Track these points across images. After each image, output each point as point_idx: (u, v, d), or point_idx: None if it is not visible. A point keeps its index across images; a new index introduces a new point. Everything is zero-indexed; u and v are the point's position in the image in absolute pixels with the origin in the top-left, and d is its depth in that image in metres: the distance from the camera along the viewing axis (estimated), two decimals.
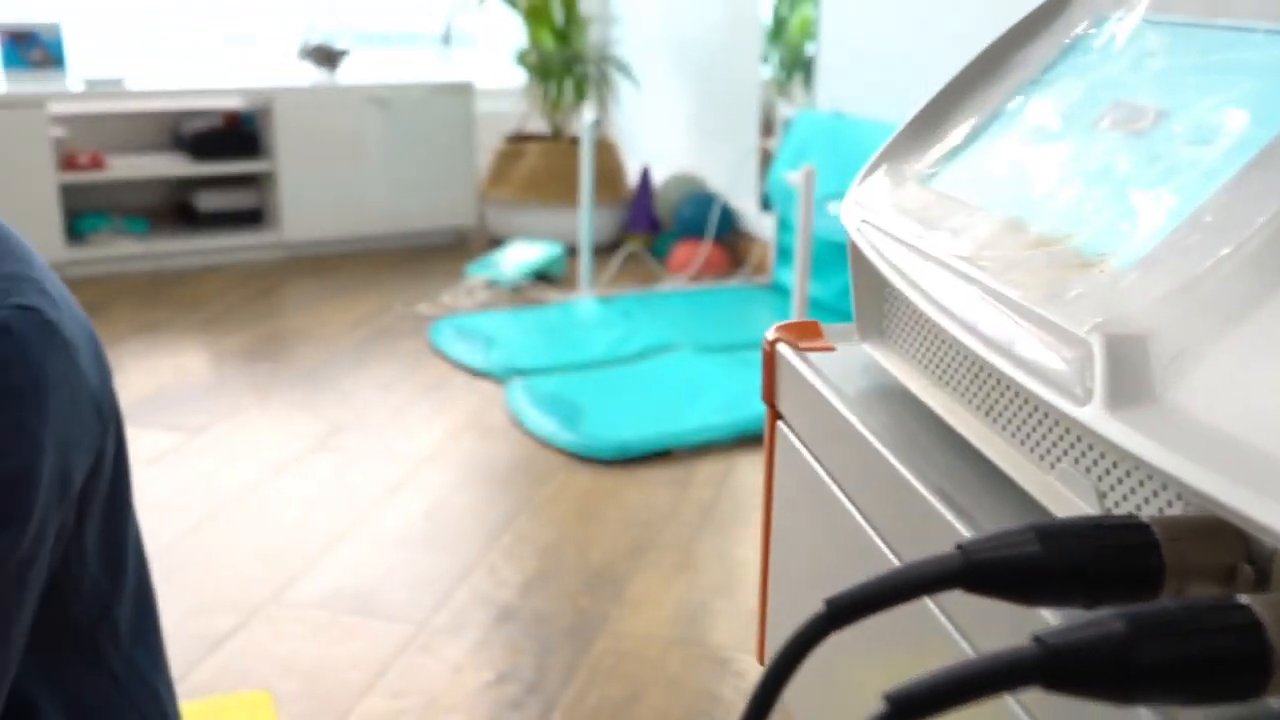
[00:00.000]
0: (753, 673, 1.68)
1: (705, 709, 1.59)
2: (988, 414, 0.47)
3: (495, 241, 4.18)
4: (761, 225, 3.79)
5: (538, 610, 1.82)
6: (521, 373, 2.81)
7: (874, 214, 0.55)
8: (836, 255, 3.28)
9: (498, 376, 2.81)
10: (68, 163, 3.59)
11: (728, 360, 2.89)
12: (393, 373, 2.86)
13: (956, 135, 0.57)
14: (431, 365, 2.91)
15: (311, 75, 4.01)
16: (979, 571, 0.32)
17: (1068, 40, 0.57)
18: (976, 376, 0.48)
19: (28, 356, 0.83)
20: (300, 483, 2.26)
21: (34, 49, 3.57)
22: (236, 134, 3.85)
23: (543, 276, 3.67)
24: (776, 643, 0.65)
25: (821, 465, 0.57)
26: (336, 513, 2.14)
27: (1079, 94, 0.53)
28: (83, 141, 3.82)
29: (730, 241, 3.92)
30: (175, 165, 3.80)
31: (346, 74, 4.06)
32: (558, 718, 1.57)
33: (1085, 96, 0.52)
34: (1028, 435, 0.44)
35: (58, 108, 3.63)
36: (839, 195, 3.09)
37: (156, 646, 1.07)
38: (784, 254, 3.57)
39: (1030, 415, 0.44)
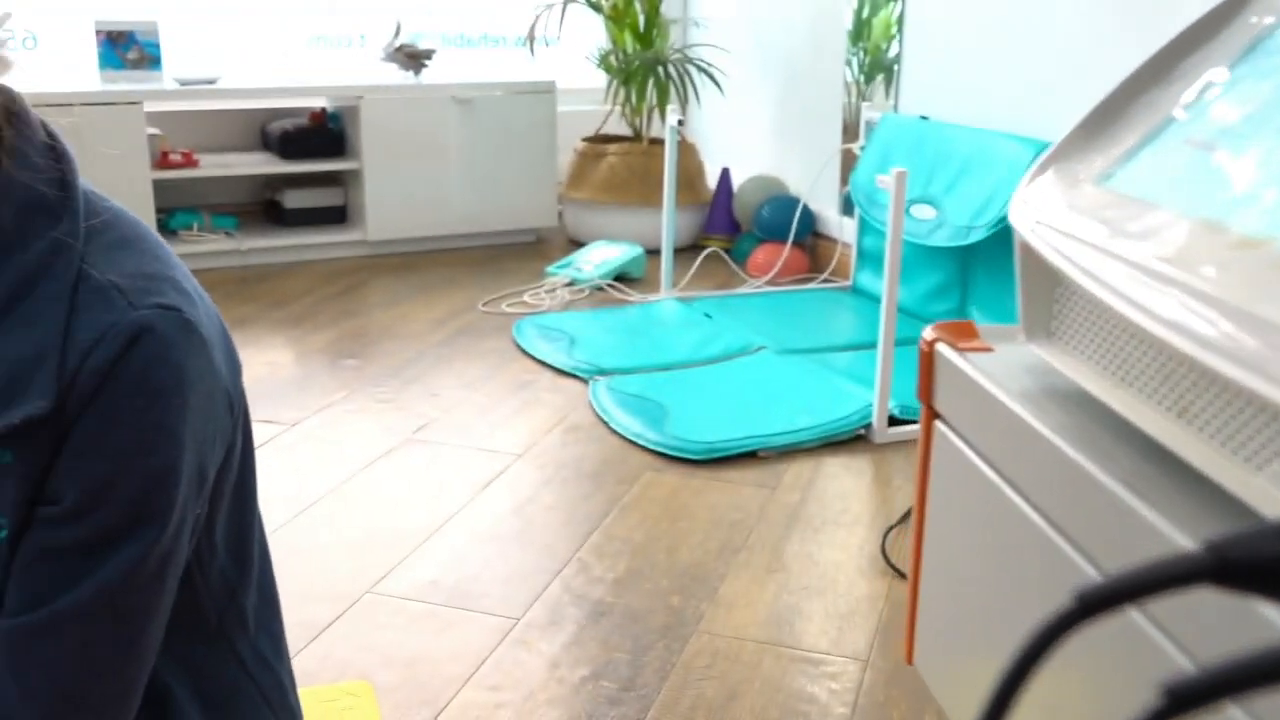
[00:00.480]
0: (846, 675, 1.67)
1: (802, 710, 1.59)
2: (1180, 415, 0.47)
3: (573, 242, 4.21)
4: (841, 228, 3.78)
5: (630, 608, 1.84)
6: (605, 372, 2.83)
7: (1048, 215, 0.55)
8: (920, 259, 3.26)
9: (582, 375, 2.83)
10: (161, 160, 3.67)
11: (811, 363, 2.89)
12: (477, 371, 2.89)
13: (1131, 136, 0.56)
14: (516, 364, 2.94)
15: (397, 75, 4.06)
16: (1233, 569, 0.32)
17: (1247, 42, 0.57)
18: (1169, 377, 0.48)
19: (169, 356, 0.84)
20: (392, 477, 2.29)
21: (131, 49, 3.66)
22: (323, 133, 3.92)
23: (621, 277, 3.69)
24: (928, 639, 0.65)
25: (990, 465, 0.57)
26: (428, 507, 2.17)
27: (1266, 95, 0.52)
28: (175, 139, 3.91)
29: (809, 244, 3.92)
30: (263, 164, 3.88)
31: (431, 74, 4.12)
32: (655, 715, 1.58)
33: (1273, 97, 0.52)
34: (1230, 436, 0.44)
35: (152, 106, 3.71)
36: (924, 200, 3.07)
37: (279, 635, 1.09)
38: (864, 257, 3.55)
39: (1236, 416, 0.44)
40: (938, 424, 0.65)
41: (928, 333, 0.64)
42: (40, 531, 0.84)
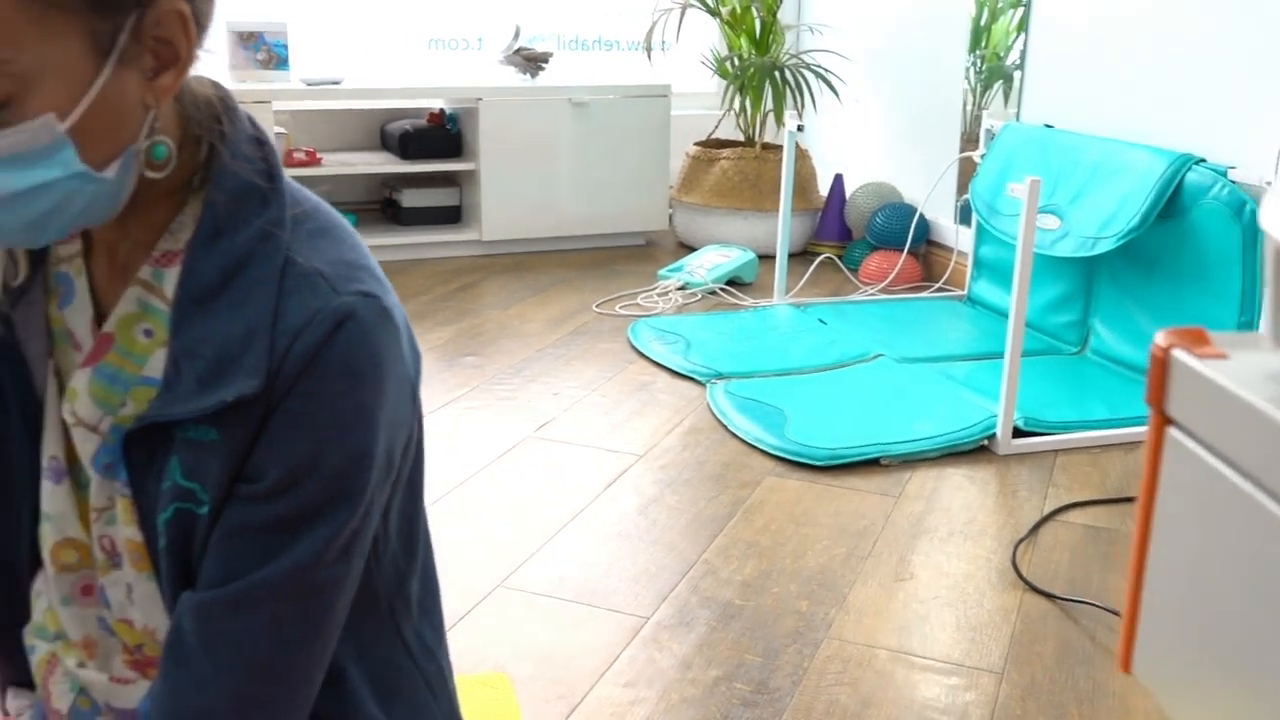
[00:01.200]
0: (981, 687, 1.65)
1: None
2: None
3: (683, 246, 4.22)
4: (956, 236, 3.73)
5: (760, 611, 1.83)
6: (722, 376, 2.83)
7: None
8: (1041, 269, 3.21)
9: (699, 378, 2.83)
10: (286, 158, 3.76)
11: (930, 372, 2.86)
12: (596, 371, 2.91)
13: None
14: (633, 365, 2.96)
15: (514, 78, 4.11)
16: None
17: None
18: None
19: (369, 341, 0.86)
20: (517, 473, 2.32)
21: (260, 49, 3.75)
22: (441, 133, 3.98)
23: (733, 282, 3.69)
24: (1153, 647, 0.64)
25: (1239, 471, 0.56)
26: (555, 504, 2.19)
27: None
28: (298, 138, 4.00)
29: (922, 252, 3.88)
30: (383, 163, 3.95)
31: (547, 77, 4.16)
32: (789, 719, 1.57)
33: None
34: None
35: (279, 105, 3.80)
36: (1048, 209, 3.02)
37: (439, 623, 1.11)
38: (980, 267, 3.51)
39: None
40: (1171, 430, 0.64)
41: (1160, 339, 0.63)
42: (239, 508, 0.86)
